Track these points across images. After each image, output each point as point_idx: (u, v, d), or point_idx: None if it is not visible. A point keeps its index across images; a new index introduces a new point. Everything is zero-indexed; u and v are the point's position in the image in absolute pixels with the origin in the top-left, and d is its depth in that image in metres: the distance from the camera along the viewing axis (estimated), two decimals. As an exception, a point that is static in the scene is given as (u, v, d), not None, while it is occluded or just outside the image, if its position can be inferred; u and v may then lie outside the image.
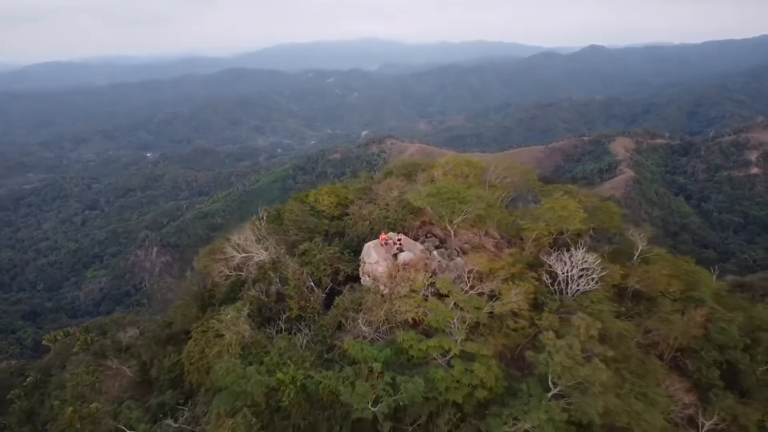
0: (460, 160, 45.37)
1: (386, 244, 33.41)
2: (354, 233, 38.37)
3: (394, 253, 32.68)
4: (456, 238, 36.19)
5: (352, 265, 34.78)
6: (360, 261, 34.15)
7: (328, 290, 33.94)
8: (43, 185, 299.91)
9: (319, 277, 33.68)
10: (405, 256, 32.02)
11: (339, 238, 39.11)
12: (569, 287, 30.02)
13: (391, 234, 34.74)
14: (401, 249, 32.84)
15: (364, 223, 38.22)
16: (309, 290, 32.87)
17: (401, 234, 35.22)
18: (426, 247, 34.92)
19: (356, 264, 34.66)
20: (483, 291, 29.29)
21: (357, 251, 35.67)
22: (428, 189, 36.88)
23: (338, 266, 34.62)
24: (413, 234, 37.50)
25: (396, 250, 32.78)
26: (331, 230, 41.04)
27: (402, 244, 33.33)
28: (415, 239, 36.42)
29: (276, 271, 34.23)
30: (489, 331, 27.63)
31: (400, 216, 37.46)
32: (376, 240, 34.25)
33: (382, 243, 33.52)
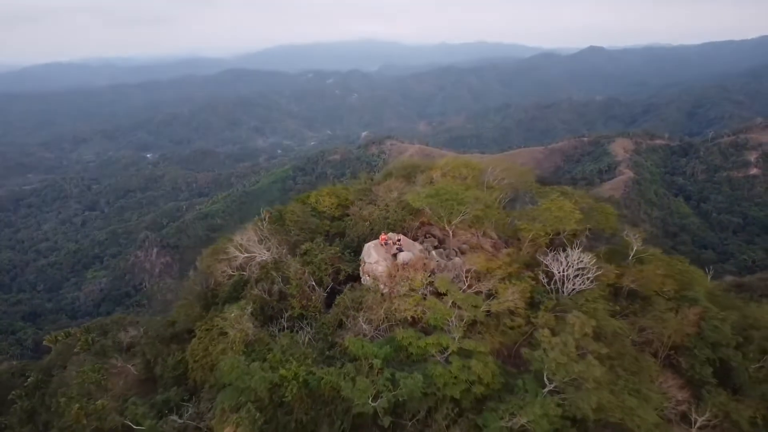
0: (459, 162, 45.73)
1: (386, 245, 33.73)
2: (354, 234, 38.62)
3: (394, 253, 33.00)
4: (454, 239, 36.57)
5: (353, 265, 35.09)
6: (360, 261, 34.48)
7: (329, 289, 34.28)
8: (43, 186, 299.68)
9: (321, 277, 34.00)
10: (404, 256, 32.35)
11: (340, 239, 39.35)
12: (565, 286, 30.36)
13: (391, 234, 35.00)
14: (401, 249, 33.17)
15: (365, 224, 38.45)
16: (311, 289, 33.25)
17: (401, 234, 35.49)
18: (425, 247, 35.22)
19: (357, 264, 34.97)
20: (480, 290, 29.55)
21: (357, 251, 36.00)
22: (427, 190, 37.17)
23: (339, 266, 34.94)
24: (412, 234, 37.76)
25: (395, 250, 33.10)
26: (332, 231, 41.29)
27: (401, 245, 33.67)
28: (415, 239, 36.73)
29: (278, 271, 34.55)
30: (486, 329, 27.99)
31: (400, 217, 37.72)
32: (376, 240, 34.56)
33: (382, 243, 33.85)
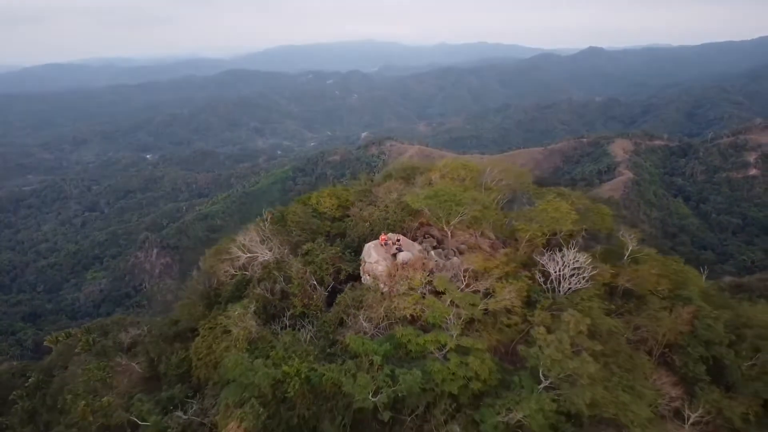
0: (457, 164, 46.16)
1: (386, 245, 34.17)
2: (355, 234, 39.05)
3: (394, 253, 33.44)
4: (453, 239, 37.03)
5: (353, 265, 35.54)
6: (361, 260, 34.93)
7: (330, 288, 34.74)
8: (43, 187, 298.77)
9: (322, 276, 34.43)
10: (404, 256, 32.78)
11: (340, 239, 39.76)
12: (561, 286, 30.77)
13: (391, 235, 35.42)
14: (400, 249, 33.61)
15: (365, 225, 38.85)
16: (312, 288, 33.70)
17: (400, 235, 35.93)
18: (424, 248, 35.65)
19: (357, 263, 35.42)
20: (478, 289, 29.93)
21: (358, 251, 36.45)
22: (426, 191, 37.65)
23: (340, 265, 35.37)
24: (412, 235, 38.17)
25: (395, 250, 33.54)
26: (333, 231, 41.70)
27: (401, 245, 34.12)
28: (414, 240, 37.15)
29: (280, 271, 35.06)
30: (483, 327, 28.43)
31: (399, 217, 38.13)
32: (376, 240, 35.01)
33: (382, 243, 34.30)
